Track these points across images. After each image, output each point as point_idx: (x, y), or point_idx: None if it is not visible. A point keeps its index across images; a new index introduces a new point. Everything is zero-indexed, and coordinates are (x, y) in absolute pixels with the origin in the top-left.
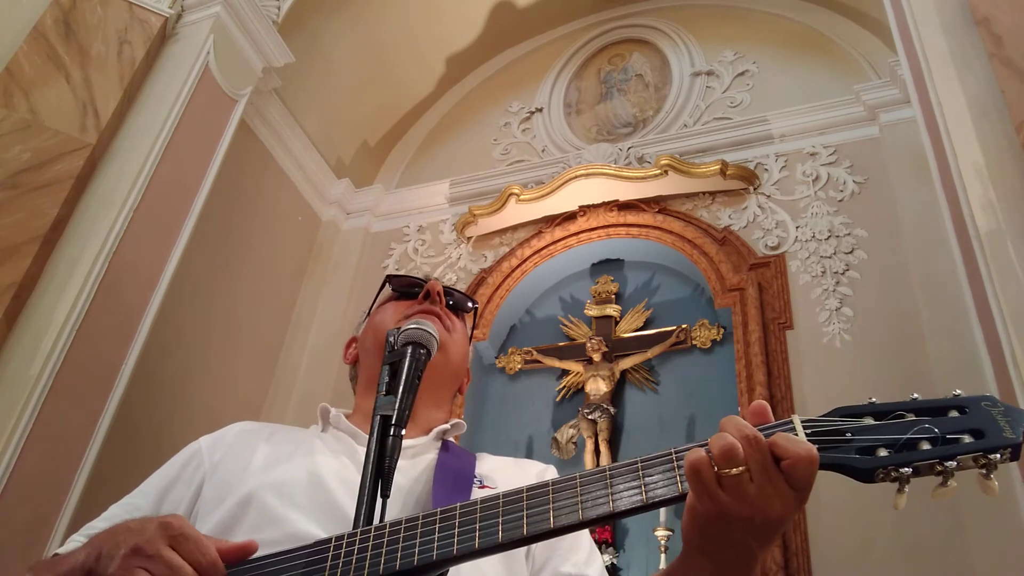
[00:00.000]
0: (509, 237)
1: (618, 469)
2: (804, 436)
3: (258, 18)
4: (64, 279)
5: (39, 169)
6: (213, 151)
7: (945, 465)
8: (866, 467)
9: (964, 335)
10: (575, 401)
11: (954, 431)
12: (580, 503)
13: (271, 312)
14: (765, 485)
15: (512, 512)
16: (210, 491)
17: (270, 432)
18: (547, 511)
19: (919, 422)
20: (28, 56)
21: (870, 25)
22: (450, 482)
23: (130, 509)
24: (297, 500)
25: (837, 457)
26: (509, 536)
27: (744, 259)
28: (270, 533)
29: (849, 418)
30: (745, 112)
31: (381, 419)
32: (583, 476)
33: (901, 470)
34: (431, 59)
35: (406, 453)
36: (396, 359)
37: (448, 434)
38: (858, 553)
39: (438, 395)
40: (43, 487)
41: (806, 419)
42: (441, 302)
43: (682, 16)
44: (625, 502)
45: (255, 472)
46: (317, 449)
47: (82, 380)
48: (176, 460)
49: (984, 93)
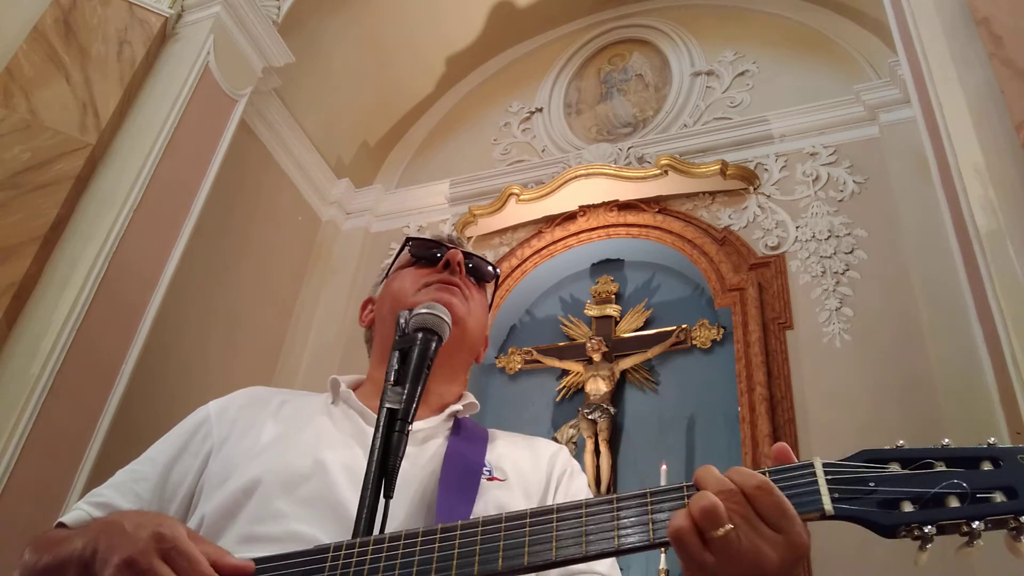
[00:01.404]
0: (509, 237)
1: (626, 501)
2: (825, 484)
3: (258, 18)
4: (64, 279)
5: (39, 169)
6: (213, 151)
7: (972, 527)
8: (889, 523)
9: (964, 335)
10: (575, 401)
11: (985, 488)
12: (585, 534)
13: (271, 312)
14: (753, 538)
15: (514, 538)
16: (216, 465)
17: (280, 402)
18: (550, 539)
19: (949, 475)
20: (28, 56)
21: (870, 25)
22: (457, 476)
23: (136, 477)
24: (301, 493)
25: (859, 511)
26: (509, 565)
27: (744, 259)
28: (270, 528)
29: (874, 463)
30: (745, 112)
31: (388, 413)
32: (589, 505)
33: (925, 529)
34: (431, 59)
35: (415, 438)
36: (407, 345)
37: (460, 414)
38: (858, 553)
39: (452, 370)
40: (43, 487)
41: (828, 464)
42: (461, 272)
43: (682, 16)
44: (632, 539)
45: (261, 454)
46: (324, 431)
47: (82, 380)
48: (184, 427)
49: (984, 93)
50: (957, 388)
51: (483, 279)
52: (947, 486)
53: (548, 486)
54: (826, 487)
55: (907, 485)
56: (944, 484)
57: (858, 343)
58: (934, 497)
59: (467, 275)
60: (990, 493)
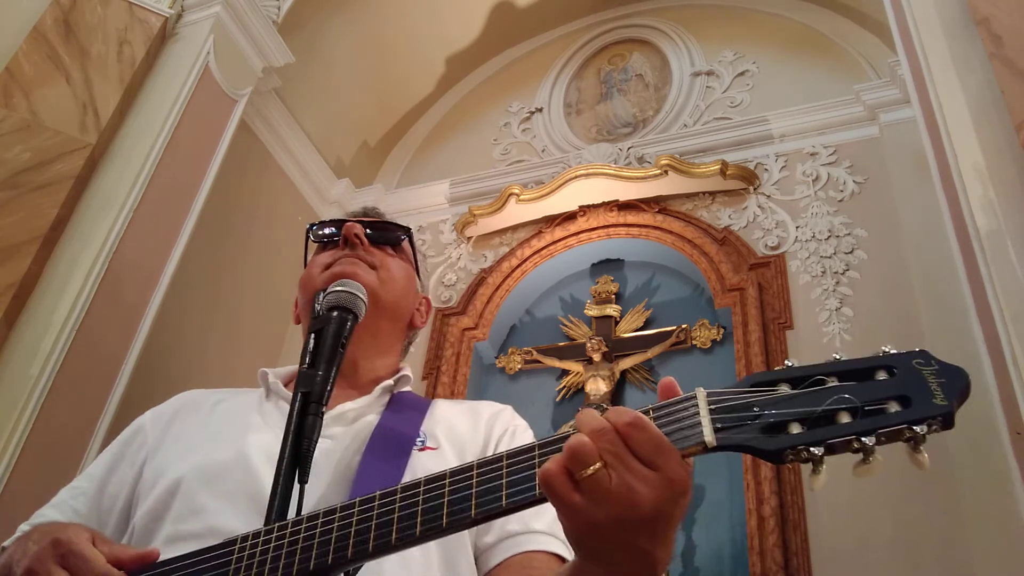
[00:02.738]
0: (509, 237)
1: (516, 456)
2: (708, 415)
3: (258, 18)
4: (64, 279)
5: (39, 169)
6: (213, 151)
7: (863, 442)
8: (774, 448)
9: (964, 335)
10: (575, 401)
11: (877, 399)
12: (475, 495)
13: (271, 312)
14: (624, 475)
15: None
16: (148, 473)
17: (214, 403)
18: (441, 505)
19: (838, 390)
20: (28, 56)
21: (870, 25)
22: (384, 451)
23: (76, 493)
24: (222, 486)
25: (742, 438)
26: (403, 536)
27: (744, 259)
28: (192, 525)
29: (763, 387)
30: (745, 112)
31: (301, 396)
32: (480, 463)
33: (813, 450)
34: (431, 59)
35: (346, 418)
36: (320, 326)
37: (394, 388)
38: (858, 552)
39: (380, 342)
40: (43, 487)
41: (712, 392)
42: (363, 243)
43: (682, 16)
44: (518, 497)
45: (186, 454)
46: (252, 424)
47: (82, 380)
48: (121, 438)
49: (984, 93)
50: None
51: (392, 244)
52: (835, 401)
53: (486, 448)
54: (708, 417)
55: (794, 406)
56: (832, 400)
57: (858, 343)
58: (823, 415)
59: (374, 244)
60: (883, 404)
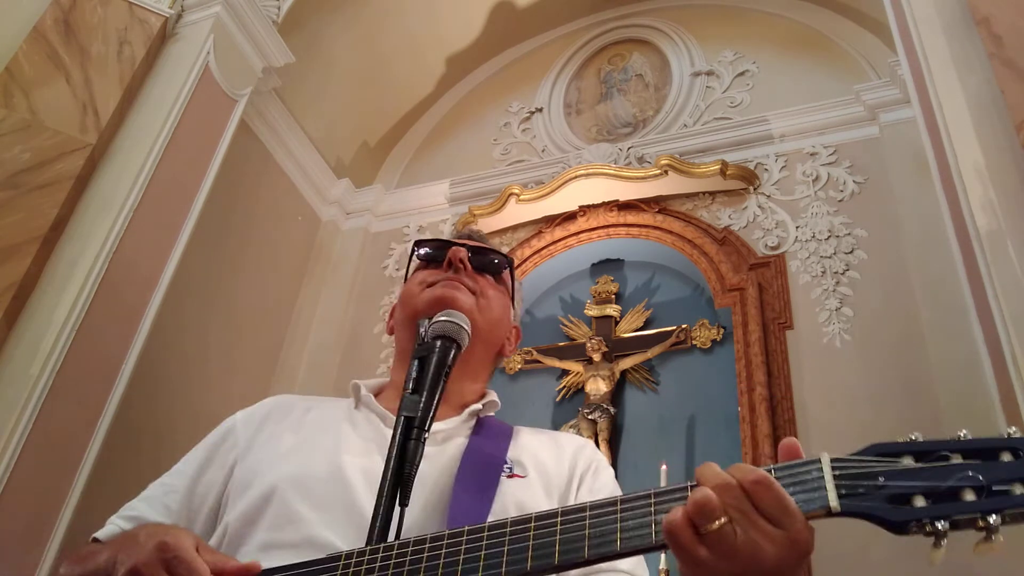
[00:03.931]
0: (509, 237)
1: (630, 502)
2: (832, 480)
3: (258, 18)
4: (64, 279)
5: (39, 169)
6: (213, 151)
7: (989, 521)
8: (900, 519)
9: (964, 335)
10: (575, 401)
11: (1003, 480)
12: (588, 536)
13: (271, 312)
14: (750, 531)
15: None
16: (240, 474)
17: (304, 409)
18: (553, 543)
19: (964, 467)
20: (28, 56)
21: (870, 25)
22: (474, 475)
23: (167, 490)
24: (317, 498)
25: (867, 506)
26: (512, 570)
27: (744, 259)
28: (289, 534)
29: (885, 457)
30: (745, 112)
31: (404, 420)
32: (593, 506)
33: (937, 524)
34: (431, 59)
35: (435, 438)
36: (425, 353)
37: (481, 413)
38: (858, 552)
39: (471, 367)
40: (43, 487)
41: (836, 459)
42: (466, 268)
43: (682, 16)
44: (635, 542)
45: (280, 461)
46: (344, 435)
47: (82, 380)
48: (212, 438)
49: (984, 93)
50: (957, 388)
51: (493, 272)
52: (962, 479)
53: (571, 482)
54: (832, 483)
55: (919, 479)
56: (959, 477)
57: (858, 343)
58: (948, 491)
59: (476, 271)
60: (1008, 485)
